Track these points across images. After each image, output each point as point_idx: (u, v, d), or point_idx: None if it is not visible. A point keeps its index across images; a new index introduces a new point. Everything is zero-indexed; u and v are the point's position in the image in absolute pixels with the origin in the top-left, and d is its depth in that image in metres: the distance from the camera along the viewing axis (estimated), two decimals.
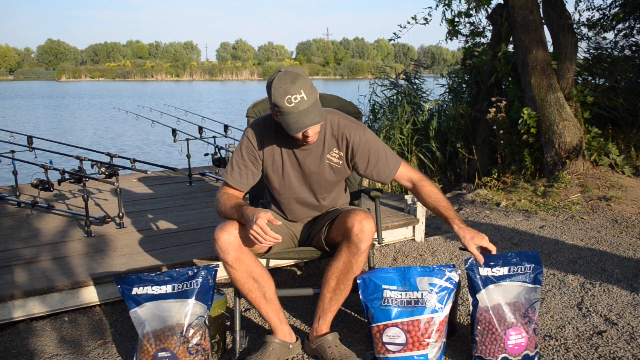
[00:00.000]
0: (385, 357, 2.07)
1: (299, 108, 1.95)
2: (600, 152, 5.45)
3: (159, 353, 2.04)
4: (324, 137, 2.20)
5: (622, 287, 2.93)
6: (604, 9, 7.59)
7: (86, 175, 3.55)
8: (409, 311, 2.04)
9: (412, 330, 2.03)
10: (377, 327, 2.08)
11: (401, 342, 2.03)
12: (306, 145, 2.18)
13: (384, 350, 2.07)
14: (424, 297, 2.04)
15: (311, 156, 2.21)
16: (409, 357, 2.03)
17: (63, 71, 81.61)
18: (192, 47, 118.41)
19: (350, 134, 2.19)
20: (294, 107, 1.95)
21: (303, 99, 1.95)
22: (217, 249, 2.06)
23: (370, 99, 7.77)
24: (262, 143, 2.20)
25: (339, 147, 2.22)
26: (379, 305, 2.07)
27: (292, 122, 1.97)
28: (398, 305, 2.05)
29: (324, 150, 2.21)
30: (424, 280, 2.07)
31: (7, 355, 2.36)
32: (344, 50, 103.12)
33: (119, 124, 18.28)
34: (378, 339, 2.07)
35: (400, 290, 2.07)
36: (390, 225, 3.70)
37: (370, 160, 2.21)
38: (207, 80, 75.80)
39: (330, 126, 2.21)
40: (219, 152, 5.07)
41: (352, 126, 2.21)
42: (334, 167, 2.24)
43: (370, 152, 2.21)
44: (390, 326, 2.04)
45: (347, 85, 14.42)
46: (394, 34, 7.36)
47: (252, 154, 2.21)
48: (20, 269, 2.86)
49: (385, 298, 2.07)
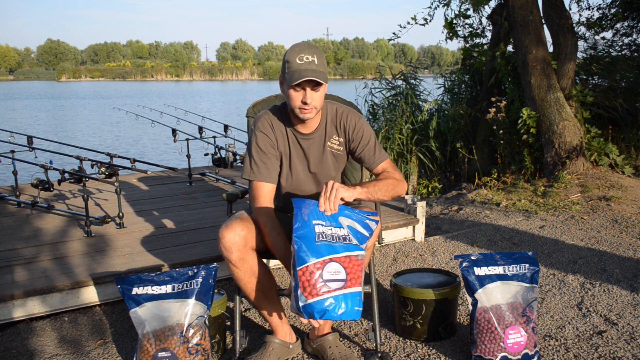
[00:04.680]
0: (324, 297, 1.81)
1: (307, 66, 2.02)
2: (600, 152, 5.45)
3: (159, 353, 2.04)
4: (325, 124, 2.24)
5: (622, 287, 2.93)
6: (603, 8, 7.60)
7: (86, 175, 3.55)
8: (340, 246, 1.89)
9: (348, 266, 1.87)
10: (314, 265, 1.83)
11: (341, 278, 1.85)
12: (309, 134, 2.21)
13: (323, 290, 1.81)
14: (349, 235, 1.93)
15: (314, 145, 2.24)
16: (350, 294, 1.84)
17: (63, 71, 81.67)
18: (192, 47, 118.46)
19: (348, 117, 2.25)
20: (304, 64, 2.03)
21: (314, 61, 2.04)
22: (222, 248, 2.06)
23: (368, 100, 7.76)
24: (274, 133, 2.22)
25: (339, 134, 2.26)
26: (313, 241, 1.87)
27: (297, 72, 2.02)
28: (330, 242, 1.88)
29: (325, 138, 2.25)
30: (345, 221, 1.96)
31: (7, 355, 2.36)
32: (344, 50, 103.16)
33: (119, 124, 18.29)
34: (314, 279, 1.82)
35: (327, 226, 1.92)
36: (390, 225, 3.70)
37: (361, 143, 2.24)
38: (207, 80, 75.82)
39: (330, 114, 2.25)
40: (219, 152, 5.07)
41: (349, 110, 2.27)
42: (335, 154, 2.27)
43: (363, 136, 2.24)
44: (329, 262, 1.85)
45: (347, 85, 14.42)
46: (394, 34, 7.36)
47: (270, 144, 2.21)
48: (21, 268, 2.86)
49: (318, 233, 1.89)
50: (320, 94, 2.10)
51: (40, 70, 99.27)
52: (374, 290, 2.30)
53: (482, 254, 2.23)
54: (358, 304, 1.86)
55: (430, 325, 2.38)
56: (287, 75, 2.06)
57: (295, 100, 2.07)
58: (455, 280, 2.48)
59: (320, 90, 2.09)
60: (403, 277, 2.58)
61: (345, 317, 1.84)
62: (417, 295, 2.36)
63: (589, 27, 7.35)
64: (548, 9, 5.67)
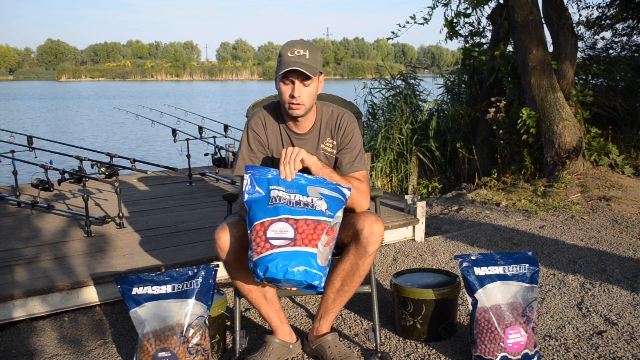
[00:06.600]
0: (268, 254, 1.81)
1: (296, 59, 2.03)
2: (600, 152, 5.45)
3: (159, 353, 2.04)
4: (319, 126, 2.24)
5: (622, 287, 2.93)
6: (602, 7, 7.60)
7: (86, 175, 3.55)
8: (299, 210, 1.89)
9: (300, 227, 1.86)
10: (261, 224, 1.85)
11: (288, 237, 1.83)
12: (303, 135, 2.21)
13: (267, 247, 1.82)
14: (314, 202, 1.93)
15: (308, 146, 2.23)
16: (296, 252, 1.81)
17: (63, 71, 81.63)
18: (192, 47, 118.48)
19: (342, 120, 2.25)
20: (294, 57, 2.04)
21: (305, 55, 2.05)
22: (217, 249, 2.06)
23: (367, 100, 7.76)
24: (266, 132, 2.22)
25: (332, 136, 2.25)
26: (266, 204, 1.90)
27: (285, 64, 2.03)
28: (286, 205, 1.90)
29: (319, 141, 2.25)
30: (314, 190, 1.97)
31: (7, 355, 2.36)
32: (344, 50, 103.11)
33: (119, 124, 18.28)
34: (260, 237, 1.84)
35: (288, 192, 1.94)
36: (390, 225, 3.70)
37: (348, 146, 2.23)
38: (207, 80, 75.81)
39: (325, 116, 2.25)
40: (219, 152, 5.08)
41: (344, 113, 2.27)
42: (328, 156, 2.27)
43: (351, 140, 2.24)
44: (277, 221, 1.85)
45: (347, 85, 14.41)
46: (393, 33, 7.33)
47: (260, 143, 2.22)
48: (21, 268, 2.86)
49: (273, 197, 1.92)
50: (310, 90, 2.08)
51: (40, 70, 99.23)
52: (374, 290, 2.30)
53: (482, 254, 2.23)
54: (308, 264, 1.80)
55: (430, 325, 2.38)
56: (277, 68, 2.08)
57: (285, 94, 2.08)
58: (455, 280, 2.48)
59: (311, 86, 2.08)
60: (403, 277, 2.58)
61: (291, 276, 1.78)
62: (417, 295, 2.36)
63: (588, 27, 7.35)
64: (548, 8, 5.67)
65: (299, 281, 1.81)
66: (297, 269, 1.79)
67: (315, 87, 2.11)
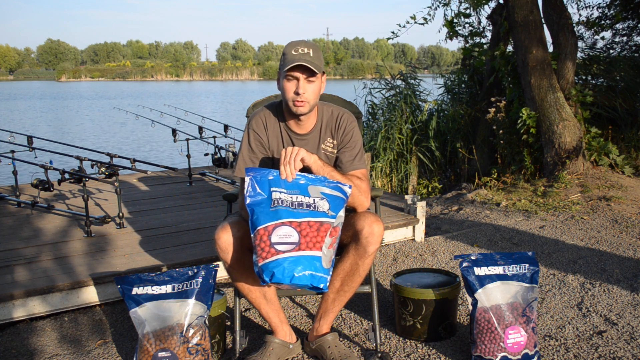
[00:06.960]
0: (273, 260, 1.82)
1: (301, 56, 2.05)
2: (600, 152, 5.45)
3: (159, 353, 2.04)
4: (320, 126, 2.24)
5: (622, 287, 2.93)
6: (602, 7, 7.60)
7: (86, 175, 3.55)
8: (301, 213, 1.89)
9: (304, 230, 1.86)
10: (265, 229, 1.86)
11: (293, 241, 1.84)
12: (304, 135, 2.21)
13: (273, 252, 1.83)
14: (315, 203, 1.93)
15: (309, 146, 2.23)
16: (301, 257, 1.82)
17: (63, 71, 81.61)
18: (192, 47, 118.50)
19: (342, 119, 2.25)
20: (298, 54, 2.05)
21: (309, 53, 2.07)
22: (217, 249, 2.06)
23: (367, 100, 7.77)
24: (267, 133, 2.22)
25: (333, 136, 2.26)
26: (268, 207, 1.90)
27: (290, 61, 2.04)
28: (288, 207, 1.89)
29: (320, 141, 2.25)
30: (315, 189, 1.97)
31: (7, 355, 2.36)
32: (344, 50, 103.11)
33: (119, 124, 18.28)
34: (265, 242, 1.85)
35: (289, 194, 1.94)
36: (390, 225, 3.70)
37: (348, 145, 2.24)
38: (207, 80, 75.80)
39: (326, 116, 2.26)
40: (219, 152, 5.08)
41: (344, 112, 2.28)
42: (329, 156, 2.27)
43: (351, 139, 2.24)
44: (281, 225, 1.86)
45: (347, 85, 14.40)
46: (393, 33, 7.33)
47: (261, 144, 2.22)
48: (21, 268, 2.86)
49: (275, 199, 1.91)
50: (314, 87, 2.09)
51: (40, 70, 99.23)
52: (374, 290, 2.30)
53: (482, 254, 2.23)
54: (313, 268, 1.81)
55: (430, 325, 2.38)
56: (281, 66, 2.08)
57: (289, 92, 2.08)
58: (455, 280, 2.48)
59: (314, 84, 2.08)
60: (403, 277, 2.58)
61: (297, 281, 1.79)
62: (417, 295, 2.36)
63: (588, 27, 7.35)
64: (548, 8, 5.67)
65: (305, 285, 1.83)
66: (303, 273, 1.80)
67: (319, 86, 2.12)
